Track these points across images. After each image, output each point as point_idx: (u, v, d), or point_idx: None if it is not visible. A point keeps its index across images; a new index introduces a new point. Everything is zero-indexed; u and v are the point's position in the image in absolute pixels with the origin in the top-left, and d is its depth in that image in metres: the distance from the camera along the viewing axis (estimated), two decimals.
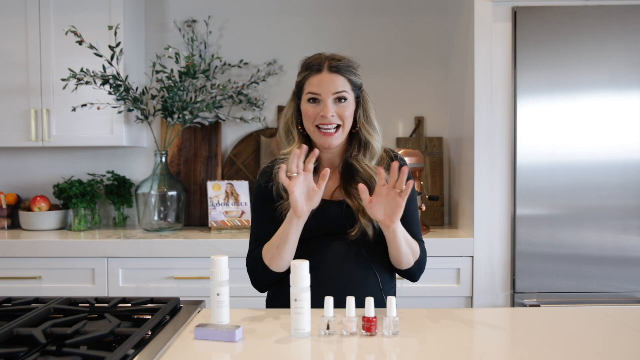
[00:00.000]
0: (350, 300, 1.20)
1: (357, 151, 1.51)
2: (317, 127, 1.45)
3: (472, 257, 2.36)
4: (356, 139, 1.52)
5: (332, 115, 1.43)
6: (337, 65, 1.46)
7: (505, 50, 2.33)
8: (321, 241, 1.49)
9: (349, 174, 1.51)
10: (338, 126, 1.45)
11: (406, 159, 2.54)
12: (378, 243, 1.49)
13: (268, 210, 1.53)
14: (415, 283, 2.32)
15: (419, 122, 2.94)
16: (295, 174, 1.34)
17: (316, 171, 1.53)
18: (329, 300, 1.21)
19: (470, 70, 2.40)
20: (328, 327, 1.21)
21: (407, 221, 1.49)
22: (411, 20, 2.96)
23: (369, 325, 1.20)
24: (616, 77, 2.30)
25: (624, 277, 2.31)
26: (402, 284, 2.12)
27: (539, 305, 2.30)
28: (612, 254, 2.31)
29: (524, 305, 2.32)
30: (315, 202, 1.37)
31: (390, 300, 1.20)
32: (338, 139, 1.46)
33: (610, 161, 2.31)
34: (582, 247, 2.31)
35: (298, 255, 1.50)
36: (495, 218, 2.35)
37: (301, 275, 1.20)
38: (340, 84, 1.45)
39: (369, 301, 1.20)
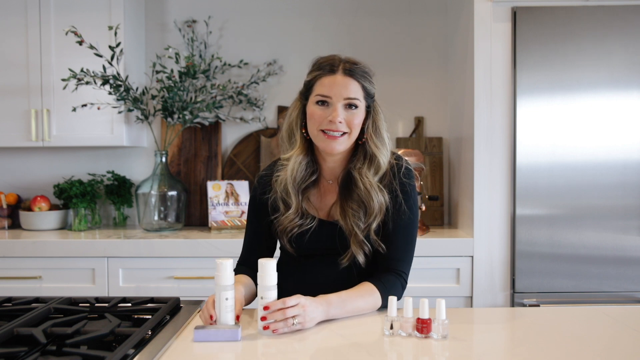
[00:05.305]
0: (409, 302, 1.21)
1: (361, 163, 1.42)
2: (322, 130, 1.37)
3: (472, 257, 2.36)
4: (362, 150, 1.43)
5: (341, 122, 1.35)
6: (352, 68, 1.37)
7: (505, 50, 2.33)
8: (314, 261, 1.48)
9: (348, 189, 1.44)
10: (344, 132, 1.37)
11: (406, 159, 2.53)
12: (370, 265, 1.45)
13: (260, 223, 1.51)
14: (415, 283, 2.35)
15: (419, 122, 2.95)
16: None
17: (316, 183, 1.49)
18: (392, 301, 1.22)
19: (470, 70, 2.40)
20: (392, 327, 1.21)
21: (394, 246, 1.42)
22: (411, 20, 2.96)
23: (421, 327, 1.19)
24: (616, 77, 2.30)
25: (624, 277, 2.31)
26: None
27: (538, 305, 2.30)
28: (612, 254, 2.31)
29: (524, 305, 2.32)
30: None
31: (440, 303, 1.19)
32: (342, 144, 1.38)
33: (610, 161, 2.31)
34: (582, 247, 2.31)
35: (292, 271, 1.51)
36: (495, 218, 2.36)
37: (268, 273, 1.22)
38: (354, 89, 1.36)
39: (424, 303, 1.19)
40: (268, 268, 1.22)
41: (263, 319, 1.20)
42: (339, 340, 1.19)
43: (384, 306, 1.39)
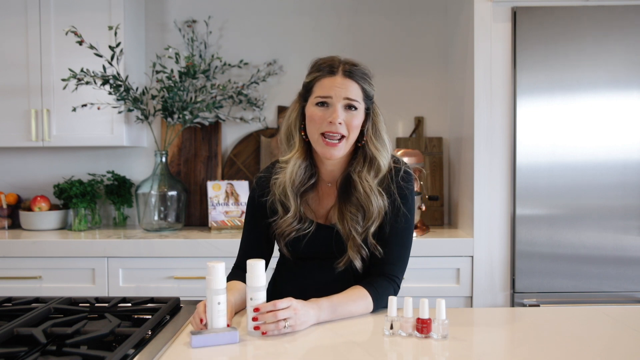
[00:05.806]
0: (409, 302, 1.20)
1: (361, 166, 1.41)
2: (322, 134, 1.36)
3: (472, 257, 2.36)
4: (361, 153, 1.42)
5: (340, 123, 1.34)
6: (352, 70, 1.37)
7: (505, 51, 2.33)
8: (312, 264, 1.47)
9: (347, 192, 1.43)
10: (342, 136, 1.36)
11: (406, 159, 2.53)
12: (368, 269, 1.44)
13: (258, 225, 1.50)
14: (415, 283, 2.35)
15: (419, 122, 2.95)
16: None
17: (315, 186, 1.48)
18: (392, 301, 1.21)
19: (470, 70, 2.40)
20: (392, 327, 1.21)
21: (389, 251, 1.41)
22: (411, 20, 2.96)
23: (421, 327, 1.19)
24: (616, 77, 2.30)
25: (624, 277, 2.31)
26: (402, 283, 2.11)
27: (538, 305, 2.30)
28: (612, 254, 2.31)
29: (524, 305, 2.32)
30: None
31: (440, 303, 1.19)
32: (342, 150, 1.37)
33: (610, 161, 2.31)
34: (582, 247, 2.31)
35: (290, 274, 1.51)
36: (495, 218, 2.35)
37: (256, 274, 1.21)
38: (354, 90, 1.36)
39: (424, 303, 1.19)
40: (256, 269, 1.21)
41: (255, 319, 1.20)
42: (339, 340, 1.19)
43: (377, 309, 1.39)
